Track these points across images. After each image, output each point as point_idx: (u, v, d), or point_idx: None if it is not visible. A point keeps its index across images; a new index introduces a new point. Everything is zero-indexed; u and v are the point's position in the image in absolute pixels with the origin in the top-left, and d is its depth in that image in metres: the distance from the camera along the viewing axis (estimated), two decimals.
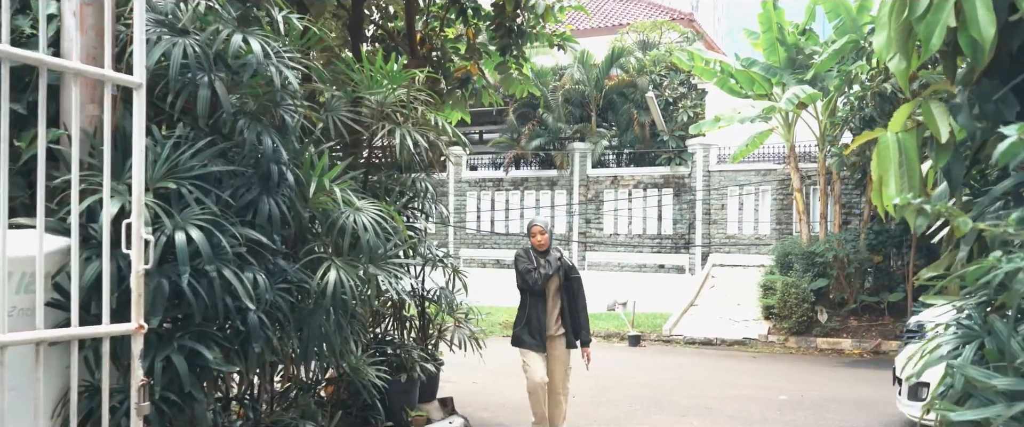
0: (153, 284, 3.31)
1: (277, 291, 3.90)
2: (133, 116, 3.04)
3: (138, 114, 3.04)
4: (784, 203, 16.67)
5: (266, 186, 3.88)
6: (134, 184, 3.02)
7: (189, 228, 3.36)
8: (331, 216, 4.33)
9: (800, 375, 10.54)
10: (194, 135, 3.76)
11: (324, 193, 4.27)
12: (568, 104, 18.88)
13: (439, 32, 7.67)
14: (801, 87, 12.67)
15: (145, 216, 3.20)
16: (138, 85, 3.05)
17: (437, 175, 19.93)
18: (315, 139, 4.52)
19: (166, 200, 3.54)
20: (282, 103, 4.10)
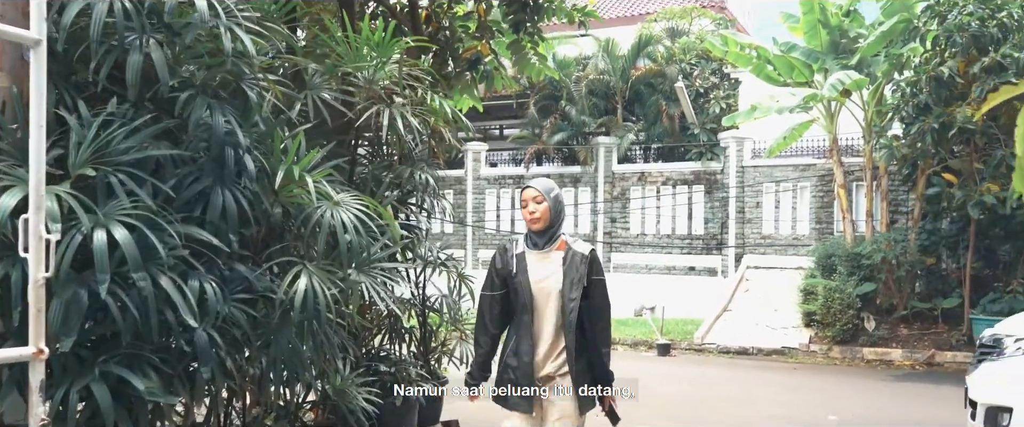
0: (67, 296, 2.72)
1: (235, 302, 3.30)
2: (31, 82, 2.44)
3: (36, 79, 2.45)
4: (824, 201, 15.91)
5: (220, 175, 3.28)
6: (31, 169, 2.43)
7: (112, 225, 2.76)
8: (305, 212, 3.72)
9: (848, 390, 9.81)
10: (133, 113, 3.17)
11: (295, 184, 3.66)
12: (592, 96, 18.31)
13: (447, 9, 7.07)
14: (846, 73, 11.91)
15: (53, 210, 2.61)
16: (35, 41, 2.46)
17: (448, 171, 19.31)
18: (286, 120, 3.91)
19: (91, 192, 2.95)
20: (244, 76, 3.50)
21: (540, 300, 3.53)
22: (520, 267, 3.54)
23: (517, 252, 3.61)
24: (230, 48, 3.02)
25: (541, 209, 3.56)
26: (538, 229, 3.57)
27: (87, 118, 2.99)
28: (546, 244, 3.57)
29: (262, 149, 3.62)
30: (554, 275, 3.52)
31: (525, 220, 3.61)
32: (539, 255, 3.57)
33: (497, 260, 3.64)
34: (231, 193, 3.29)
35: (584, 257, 3.54)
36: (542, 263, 3.55)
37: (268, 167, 3.62)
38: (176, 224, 3.03)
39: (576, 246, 3.59)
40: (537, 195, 3.57)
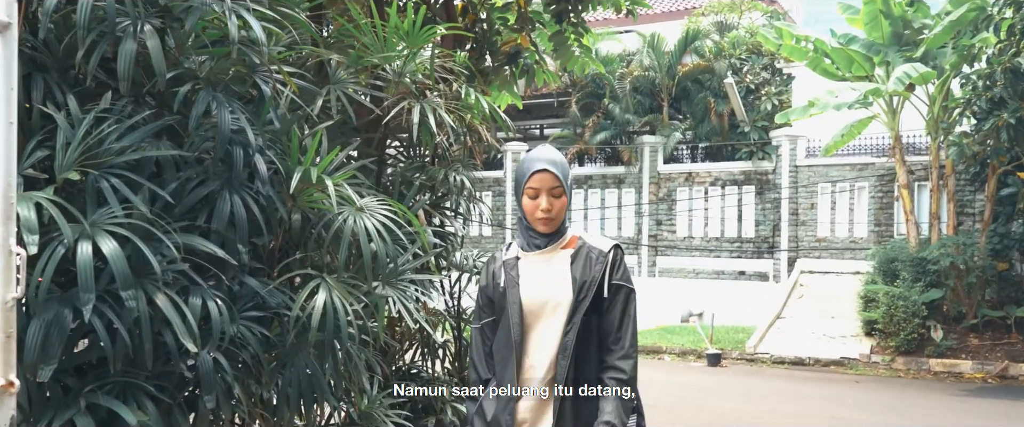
0: (48, 317, 2.41)
1: (244, 321, 2.98)
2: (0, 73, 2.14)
3: (5, 69, 2.14)
4: (883, 201, 15.28)
5: (228, 178, 2.96)
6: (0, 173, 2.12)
7: (99, 236, 2.45)
8: (325, 218, 3.38)
9: (918, 406, 9.24)
10: (132, 110, 2.87)
11: (314, 188, 3.33)
12: (636, 93, 17.93)
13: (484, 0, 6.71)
14: (912, 65, 11.31)
15: (29, 220, 2.31)
16: (3, 25, 2.15)
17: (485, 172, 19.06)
18: (305, 117, 3.59)
19: (81, 198, 2.65)
20: (256, 68, 3.18)
21: (532, 318, 2.53)
22: (510, 279, 2.56)
23: (506, 258, 2.63)
24: (236, 34, 2.69)
25: (558, 206, 2.53)
26: (550, 230, 2.56)
27: (77, 115, 2.68)
28: (550, 242, 2.58)
29: (277, 149, 3.29)
30: (557, 282, 2.52)
31: (533, 217, 2.54)
32: (538, 257, 2.57)
33: (484, 277, 2.68)
34: (241, 198, 2.96)
35: (602, 255, 2.53)
36: (541, 267, 2.56)
37: (284, 169, 3.29)
38: (176, 234, 2.71)
39: (592, 241, 2.59)
40: (556, 185, 2.51)
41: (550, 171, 2.52)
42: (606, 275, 2.52)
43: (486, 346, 2.63)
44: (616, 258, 2.55)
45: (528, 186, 2.53)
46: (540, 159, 2.54)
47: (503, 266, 2.62)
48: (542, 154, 2.58)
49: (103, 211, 2.56)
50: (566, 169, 2.58)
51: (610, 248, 2.56)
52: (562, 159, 2.60)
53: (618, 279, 2.54)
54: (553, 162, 2.54)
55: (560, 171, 2.54)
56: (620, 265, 2.56)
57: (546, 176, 2.52)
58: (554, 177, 2.52)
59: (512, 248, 2.67)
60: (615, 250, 2.57)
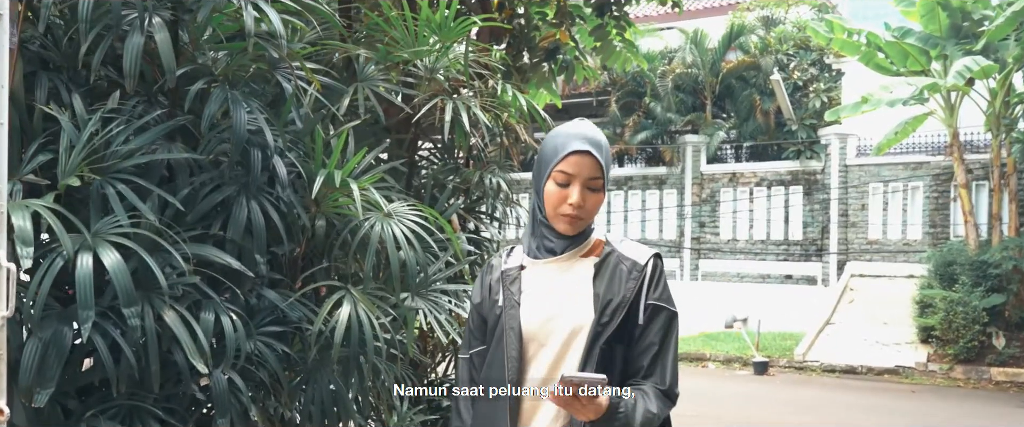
0: (46, 336, 2.24)
1: (262, 337, 2.79)
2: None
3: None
4: (939, 202, 14.76)
5: (245, 183, 2.77)
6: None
7: (101, 248, 2.27)
8: (351, 225, 3.18)
9: (979, 418, 8.81)
10: (143, 110, 2.69)
11: (339, 192, 3.14)
12: (678, 91, 17.60)
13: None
14: (972, 58, 10.84)
15: (24, 231, 2.13)
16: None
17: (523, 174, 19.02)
18: (330, 116, 3.39)
19: (85, 205, 2.48)
20: (277, 65, 2.99)
21: (535, 348, 1.92)
22: (509, 296, 1.97)
23: (506, 267, 2.03)
24: (252, 27, 2.50)
25: (593, 202, 1.94)
26: (572, 232, 1.96)
27: (82, 115, 2.51)
28: (569, 247, 1.97)
29: (299, 151, 3.10)
30: (574, 300, 1.91)
31: (555, 213, 1.93)
32: (550, 267, 1.97)
33: (476, 291, 2.09)
34: (259, 204, 2.77)
35: (636, 266, 1.93)
36: (553, 281, 1.96)
37: (307, 172, 3.10)
38: (187, 244, 2.52)
39: (624, 248, 1.99)
40: (596, 176, 1.92)
41: (592, 155, 1.89)
42: (641, 293, 1.91)
43: (475, 384, 2.01)
44: (655, 272, 1.94)
45: (558, 169, 1.89)
46: (579, 136, 1.91)
47: (501, 278, 2.00)
48: (581, 130, 1.93)
49: (107, 220, 2.38)
50: (609, 156, 1.99)
51: (648, 258, 1.95)
52: (606, 141, 1.98)
53: (657, 298, 1.92)
54: (596, 143, 1.92)
55: (603, 157, 1.92)
56: (660, 281, 1.94)
57: (586, 161, 1.89)
58: (595, 164, 1.90)
59: (515, 254, 2.05)
60: (654, 261, 1.96)
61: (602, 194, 1.95)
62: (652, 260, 1.97)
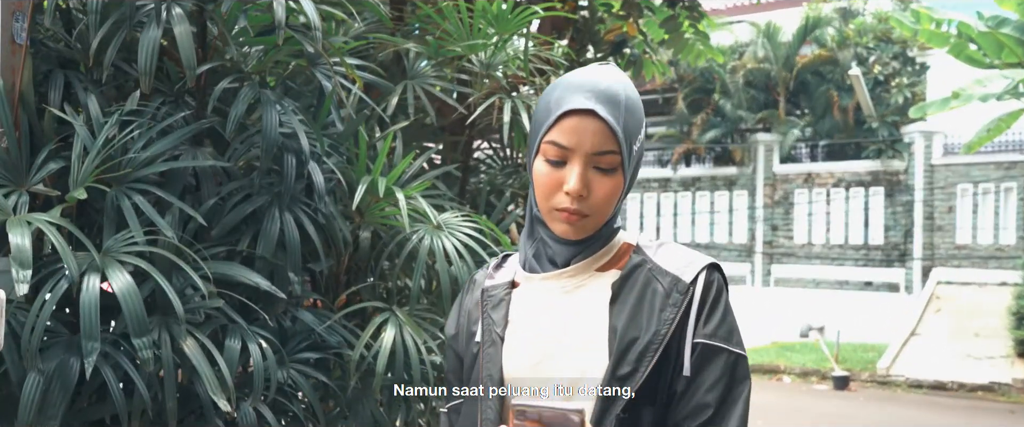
0: (50, 368, 2.02)
1: (296, 364, 2.53)
2: None
3: None
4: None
5: (278, 192, 2.52)
6: None
7: (111, 269, 2.03)
8: (397, 238, 2.92)
9: None
10: (165, 112, 2.46)
11: (385, 201, 2.87)
12: (750, 88, 17.21)
13: None
14: None
15: (21, 250, 1.91)
16: None
17: None
18: (375, 117, 3.14)
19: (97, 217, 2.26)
20: (317, 61, 2.73)
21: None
22: (489, 327, 1.38)
23: (491, 284, 1.43)
24: (282, 17, 2.24)
25: (604, 190, 1.29)
26: (575, 235, 1.32)
27: (98, 118, 2.28)
28: (579, 255, 1.34)
29: (340, 156, 2.84)
30: (581, 336, 1.31)
31: (548, 205, 1.30)
32: (552, 286, 1.36)
33: (452, 320, 1.50)
34: (293, 216, 2.52)
35: (677, 285, 1.30)
36: (554, 305, 1.35)
37: (349, 179, 2.84)
38: (211, 262, 2.28)
39: (663, 257, 1.34)
40: (608, 149, 1.27)
41: (599, 116, 1.25)
42: (686, 327, 1.27)
43: None
44: (709, 293, 1.29)
45: (547, 140, 1.27)
46: (582, 87, 1.27)
47: (483, 300, 1.40)
48: (588, 77, 1.29)
49: (121, 236, 2.15)
50: (635, 115, 1.29)
51: (697, 272, 1.29)
52: (630, 96, 1.29)
53: (710, 334, 1.27)
54: (609, 98, 1.26)
55: (620, 119, 1.26)
56: (717, 306, 1.29)
57: (590, 125, 1.25)
58: (605, 131, 1.25)
59: (507, 265, 1.45)
60: (708, 275, 1.30)
61: (619, 178, 1.27)
62: (704, 274, 1.29)
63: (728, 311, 1.31)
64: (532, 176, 1.32)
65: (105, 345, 2.07)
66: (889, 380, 11.58)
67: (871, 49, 16.30)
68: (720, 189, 17.45)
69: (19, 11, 2.22)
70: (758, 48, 17.08)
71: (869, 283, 15.86)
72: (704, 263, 1.32)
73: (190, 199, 2.44)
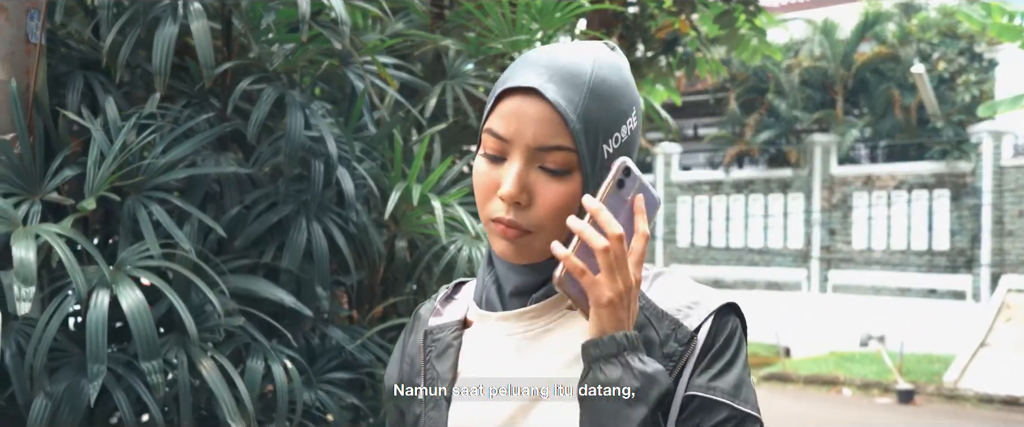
0: (59, 390, 1.90)
1: (325, 385, 2.39)
2: None
3: None
4: None
5: (305, 200, 2.39)
6: None
7: (121, 285, 1.91)
8: (434, 248, 2.77)
9: None
10: (188, 115, 2.35)
11: (421, 209, 2.73)
12: (806, 87, 16.88)
13: None
14: None
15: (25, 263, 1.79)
16: None
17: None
18: (411, 120, 3.00)
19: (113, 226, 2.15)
20: (349, 60, 2.60)
21: None
22: (434, 379, 1.08)
23: (438, 323, 1.12)
24: (307, 10, 2.11)
25: (551, 197, 0.97)
26: (520, 259, 1.01)
27: (115, 121, 2.17)
28: (545, 289, 1.03)
29: (372, 163, 2.70)
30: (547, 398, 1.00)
31: (485, 216, 1.01)
32: (511, 327, 1.05)
33: (393, 364, 1.17)
34: (322, 226, 2.39)
35: (678, 332, 0.99)
36: (513, 355, 1.04)
37: (382, 186, 2.70)
38: (232, 276, 2.16)
39: (660, 292, 1.03)
40: (558, 142, 0.96)
41: (542, 95, 0.96)
42: (681, 380, 0.98)
43: None
44: (715, 341, 0.99)
45: (485, 129, 1.00)
46: (535, 63, 0.98)
47: (425, 345, 1.11)
48: (545, 52, 1.00)
49: (134, 249, 2.03)
50: (607, 103, 0.98)
51: (705, 318, 1.00)
52: (598, 74, 0.98)
53: (705, 386, 0.97)
54: (563, 74, 0.97)
55: (573, 100, 0.96)
56: (723, 354, 0.99)
57: (532, 109, 0.96)
58: (551, 115, 0.96)
59: (461, 296, 1.15)
60: (717, 322, 1.00)
61: (573, 184, 0.97)
62: (710, 321, 0.99)
63: (738, 360, 0.99)
64: (474, 178, 1.04)
65: (117, 366, 1.96)
66: (957, 394, 11.13)
67: (935, 45, 15.80)
68: (774, 192, 17.05)
69: (33, 8, 2.12)
70: (814, 45, 16.67)
71: (933, 291, 15.37)
72: (714, 305, 1.00)
73: (212, 208, 2.33)
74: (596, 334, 0.93)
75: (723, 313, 1.01)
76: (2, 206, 1.90)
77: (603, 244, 0.91)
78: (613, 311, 0.92)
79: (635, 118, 1.01)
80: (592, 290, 0.92)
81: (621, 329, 0.93)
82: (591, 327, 0.93)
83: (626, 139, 1.00)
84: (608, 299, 0.91)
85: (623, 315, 0.93)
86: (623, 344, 0.92)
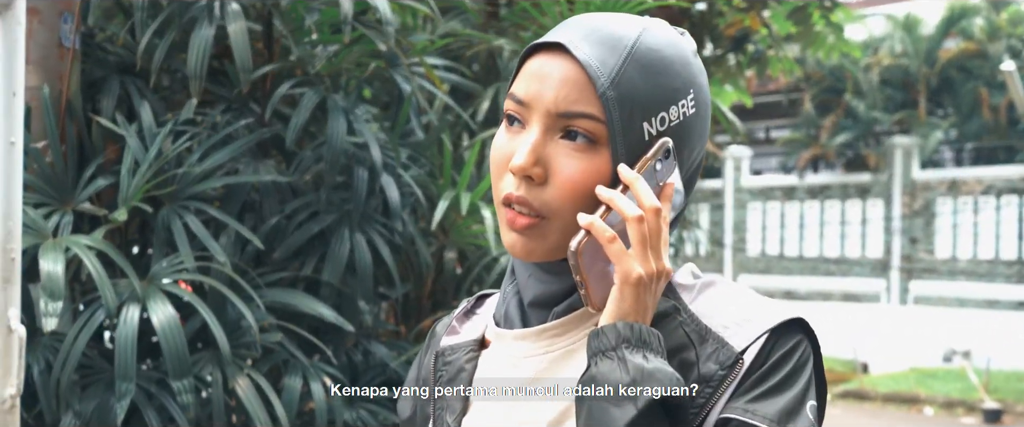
0: (87, 409, 1.87)
1: (367, 404, 2.33)
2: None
3: (5, 62, 1.62)
4: None
5: (348, 209, 2.33)
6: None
7: (153, 299, 1.87)
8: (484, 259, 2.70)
9: None
10: (227, 121, 2.31)
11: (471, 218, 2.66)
12: (886, 86, 16.76)
13: None
14: None
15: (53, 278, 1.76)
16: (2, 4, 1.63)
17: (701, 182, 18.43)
18: (461, 125, 2.93)
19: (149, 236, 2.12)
20: (396, 62, 2.54)
21: None
22: (442, 410, 0.94)
23: (452, 343, 0.97)
24: (349, 10, 2.04)
25: (577, 170, 0.83)
26: (529, 254, 0.86)
27: (150, 128, 2.14)
28: (568, 301, 0.89)
29: (419, 170, 2.63)
30: None
31: (498, 206, 0.86)
32: (529, 348, 0.90)
33: (407, 399, 1.03)
34: (365, 237, 2.32)
35: (722, 353, 0.83)
36: (533, 381, 0.89)
37: (430, 195, 2.64)
38: (270, 290, 2.10)
39: (705, 307, 0.87)
40: (583, 108, 0.82)
41: (570, 53, 0.83)
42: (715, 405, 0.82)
43: None
44: (761, 363, 0.82)
45: (510, 93, 0.87)
46: (572, 24, 0.86)
47: (436, 367, 0.98)
48: (587, 16, 0.88)
49: (166, 262, 1.99)
50: (651, 71, 0.83)
51: (756, 337, 0.83)
52: (643, 42, 0.83)
53: (743, 409, 0.80)
54: (599, 35, 0.84)
55: (607, 62, 0.82)
56: (775, 373, 0.82)
57: (554, 65, 0.84)
58: (578, 76, 0.82)
59: (482, 311, 1.02)
60: (772, 343, 0.83)
61: (601, 159, 0.83)
62: (764, 341, 0.83)
63: (794, 384, 0.82)
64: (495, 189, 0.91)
65: (149, 384, 1.92)
66: None
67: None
68: (852, 198, 16.77)
69: (67, 11, 2.10)
70: (895, 42, 16.51)
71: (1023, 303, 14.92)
72: (771, 322, 0.84)
73: (251, 218, 2.28)
74: (615, 319, 0.81)
75: (783, 331, 0.84)
76: (32, 217, 1.87)
77: (638, 213, 0.81)
78: (639, 292, 0.81)
79: (693, 104, 0.86)
80: (621, 262, 0.80)
81: (640, 318, 0.81)
82: (608, 310, 0.82)
83: (675, 123, 0.85)
84: (638, 276, 0.80)
85: (649, 301, 0.82)
86: (625, 335, 0.80)
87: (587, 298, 0.83)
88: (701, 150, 0.91)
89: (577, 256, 0.81)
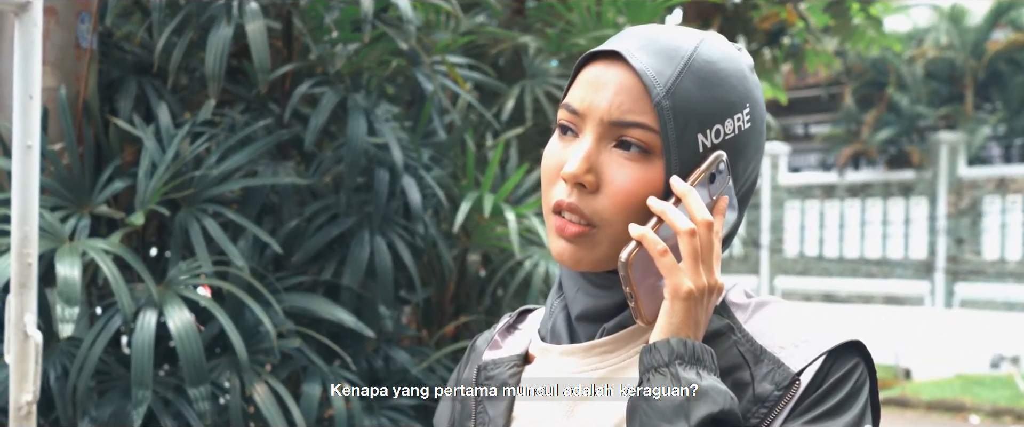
0: (104, 415, 1.91)
1: (389, 411, 2.35)
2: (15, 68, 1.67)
3: (21, 64, 1.66)
4: None
5: (369, 212, 2.35)
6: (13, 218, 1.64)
7: (170, 305, 1.90)
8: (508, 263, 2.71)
9: None
10: (246, 122, 2.35)
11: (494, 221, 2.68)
12: (930, 80, 16.68)
13: None
14: None
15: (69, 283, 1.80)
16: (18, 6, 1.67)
17: None
18: (485, 124, 2.94)
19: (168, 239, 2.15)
20: (417, 61, 2.56)
21: None
22: (485, 418, 0.96)
23: (492, 357, 0.99)
24: (370, 9, 2.06)
25: (631, 179, 0.85)
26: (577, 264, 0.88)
27: (168, 129, 2.17)
28: (621, 316, 0.89)
29: (442, 171, 2.65)
30: None
31: (547, 216, 0.89)
32: (577, 366, 0.91)
33: (444, 407, 1.03)
34: (386, 240, 2.34)
35: (777, 374, 0.84)
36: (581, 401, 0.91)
37: (452, 196, 2.65)
38: (289, 294, 2.13)
39: (760, 326, 0.89)
40: (635, 118, 0.85)
41: (626, 62, 0.85)
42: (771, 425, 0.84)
43: None
44: (818, 385, 0.84)
45: (563, 104, 0.90)
46: (629, 34, 0.90)
47: (480, 380, 0.99)
48: (644, 26, 0.92)
49: (183, 266, 2.02)
50: (708, 83, 0.86)
51: (814, 358, 0.84)
52: (701, 54, 0.87)
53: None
54: (656, 46, 0.87)
55: (663, 72, 0.85)
56: (832, 396, 0.84)
57: (610, 74, 0.87)
58: (633, 84, 0.85)
59: (526, 325, 1.03)
60: (830, 364, 0.84)
61: (652, 171, 0.85)
62: (822, 363, 0.84)
63: (852, 406, 0.84)
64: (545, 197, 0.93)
65: (166, 390, 1.95)
66: None
67: None
68: (895, 196, 16.70)
69: (85, 11, 2.14)
70: (940, 34, 16.37)
71: None
72: (829, 343, 0.85)
73: (269, 221, 2.31)
74: (667, 334, 0.83)
75: (840, 353, 0.85)
76: (48, 220, 1.90)
77: (689, 226, 0.83)
78: (689, 307, 0.83)
79: (748, 119, 0.89)
80: (671, 275, 0.82)
81: (691, 333, 0.84)
82: (659, 325, 0.84)
83: (731, 137, 0.88)
84: (688, 290, 0.82)
85: (701, 316, 0.84)
86: (678, 352, 0.82)
87: (637, 311, 0.85)
88: (756, 166, 0.93)
89: (627, 267, 0.82)
